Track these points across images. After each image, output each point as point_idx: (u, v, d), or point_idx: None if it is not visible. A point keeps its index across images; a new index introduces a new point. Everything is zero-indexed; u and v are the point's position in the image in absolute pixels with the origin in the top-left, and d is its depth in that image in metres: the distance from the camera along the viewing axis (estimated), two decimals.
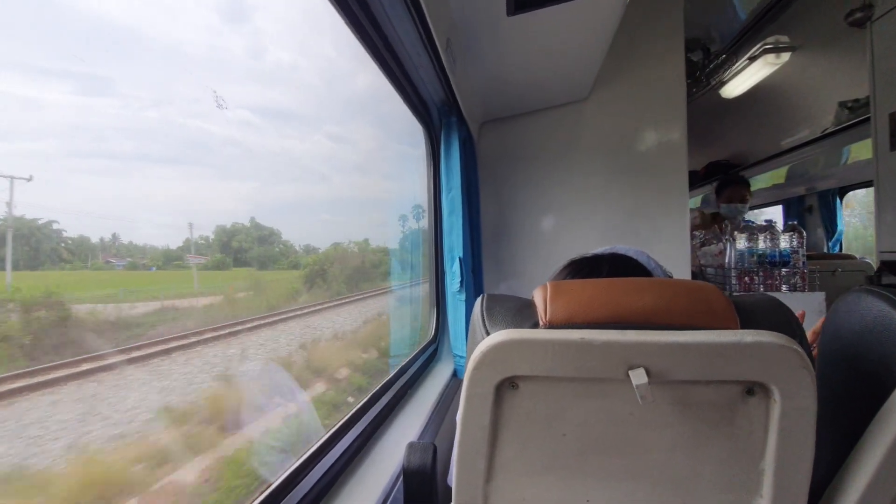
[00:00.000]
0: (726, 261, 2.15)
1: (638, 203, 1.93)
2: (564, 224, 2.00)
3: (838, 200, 4.22)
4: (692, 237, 2.40)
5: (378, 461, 0.87)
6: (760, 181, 4.41)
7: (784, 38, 2.86)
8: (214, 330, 1.52)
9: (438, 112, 1.62)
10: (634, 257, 0.79)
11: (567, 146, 1.98)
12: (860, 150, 2.96)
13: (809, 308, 1.94)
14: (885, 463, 0.49)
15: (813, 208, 4.50)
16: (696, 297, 0.49)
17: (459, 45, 1.33)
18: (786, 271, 2.08)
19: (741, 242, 2.11)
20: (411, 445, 0.68)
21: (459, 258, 1.56)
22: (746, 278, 2.08)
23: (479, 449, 0.56)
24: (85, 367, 0.98)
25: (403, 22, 1.03)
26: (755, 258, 2.09)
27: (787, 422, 0.48)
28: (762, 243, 2.09)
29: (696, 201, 5.73)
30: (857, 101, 2.89)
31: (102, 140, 0.95)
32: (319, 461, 0.79)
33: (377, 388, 1.17)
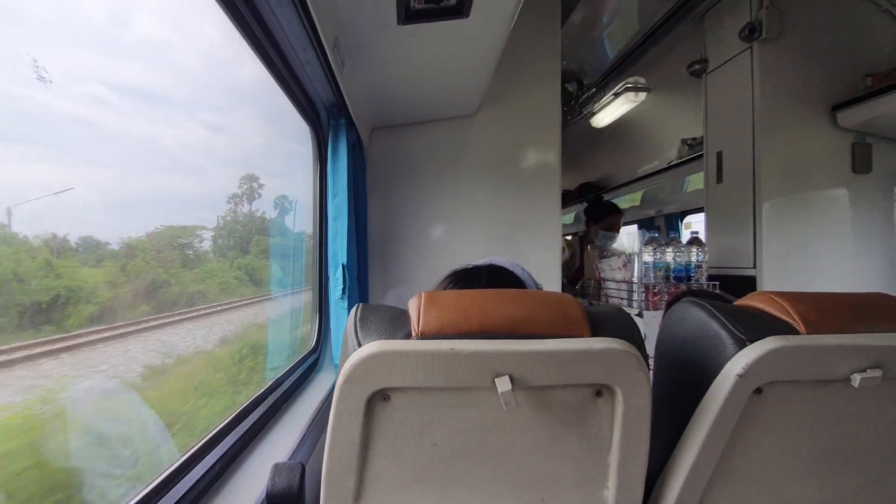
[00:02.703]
0: (633, 275, 2.05)
1: (518, 216, 2.06)
2: (451, 232, 2.06)
3: (680, 223, 4.95)
4: (593, 247, 2.41)
5: (240, 486, 0.79)
6: (621, 203, 5.01)
7: (642, 80, 3.29)
8: None
9: (327, 113, 1.56)
10: (510, 269, 0.84)
11: (455, 158, 2.05)
12: (696, 181, 3.51)
13: None
14: (702, 452, 0.57)
15: (661, 228, 5.23)
16: (555, 308, 0.53)
17: (349, 47, 1.30)
18: (694, 286, 1.97)
19: (647, 255, 1.99)
20: (277, 466, 0.63)
21: (343, 265, 1.52)
22: (655, 296, 1.98)
23: (349, 465, 0.54)
24: None
25: (287, 14, 0.98)
26: (662, 272, 1.96)
27: (627, 419, 0.54)
28: (668, 256, 1.98)
29: (569, 217, 6.32)
30: (694, 139, 3.42)
31: None
32: (167, 493, 0.70)
33: (246, 403, 1.07)
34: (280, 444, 0.97)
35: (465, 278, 0.79)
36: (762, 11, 2.07)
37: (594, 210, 3.16)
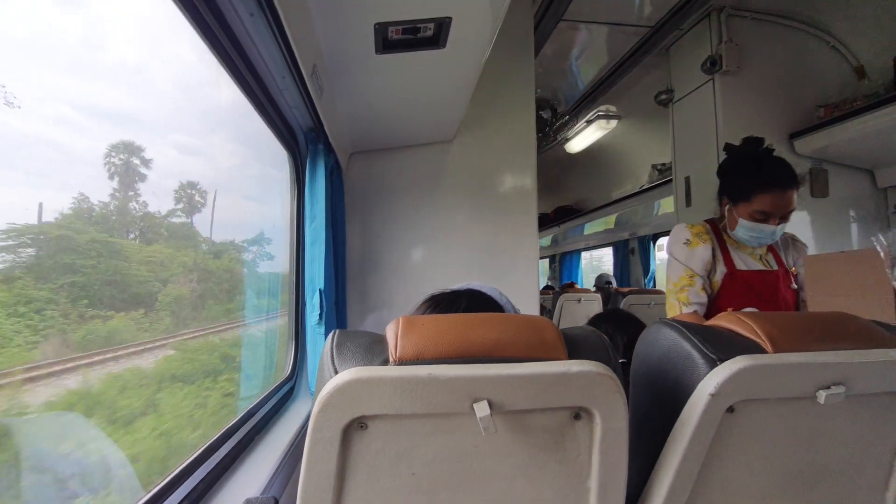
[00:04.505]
0: None
1: (495, 240, 2.08)
2: (430, 256, 2.06)
3: (652, 245, 5.08)
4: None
5: None
6: (597, 225, 5.12)
7: (613, 108, 3.42)
8: None
9: (305, 138, 1.57)
10: (488, 293, 0.84)
11: (433, 183, 2.08)
12: (667, 205, 3.63)
13: None
14: (679, 473, 0.58)
15: (634, 250, 5.35)
16: (532, 331, 0.53)
17: (327, 74, 1.32)
18: None
19: None
20: (248, 502, 0.61)
21: (320, 290, 1.50)
22: None
23: (324, 498, 0.52)
24: None
25: (266, 42, 0.99)
26: None
27: (606, 442, 0.54)
28: None
29: (546, 240, 6.42)
30: (664, 164, 3.55)
31: None
32: None
33: (218, 434, 1.03)
34: (252, 478, 0.93)
35: (444, 303, 0.79)
36: (721, 46, 2.20)
37: (739, 173, 1.61)
